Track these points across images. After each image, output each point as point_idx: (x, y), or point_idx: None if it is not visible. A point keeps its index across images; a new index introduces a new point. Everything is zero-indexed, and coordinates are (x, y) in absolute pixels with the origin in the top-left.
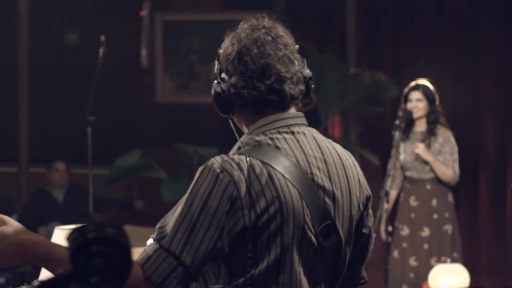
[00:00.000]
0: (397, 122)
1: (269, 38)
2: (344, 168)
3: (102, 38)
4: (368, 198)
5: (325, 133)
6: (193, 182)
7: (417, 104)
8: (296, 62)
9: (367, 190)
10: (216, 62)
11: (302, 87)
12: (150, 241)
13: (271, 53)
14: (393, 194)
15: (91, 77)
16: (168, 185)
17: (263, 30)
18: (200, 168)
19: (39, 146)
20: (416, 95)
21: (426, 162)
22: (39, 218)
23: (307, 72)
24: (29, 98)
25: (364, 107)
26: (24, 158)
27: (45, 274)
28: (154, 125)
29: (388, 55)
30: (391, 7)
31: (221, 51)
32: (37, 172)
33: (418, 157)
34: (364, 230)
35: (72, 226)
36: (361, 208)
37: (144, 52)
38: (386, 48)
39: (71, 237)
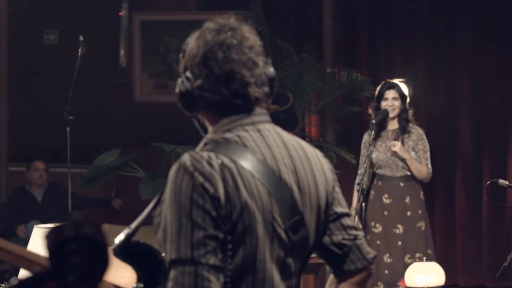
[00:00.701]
0: (374, 121)
1: (235, 41)
2: (310, 162)
3: (81, 38)
4: (333, 187)
5: (302, 132)
6: (170, 185)
7: (393, 102)
8: (260, 64)
9: (333, 180)
10: (181, 58)
11: (266, 88)
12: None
13: (236, 58)
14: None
15: (70, 76)
16: (146, 184)
17: (229, 33)
18: (173, 169)
19: (18, 145)
20: (392, 93)
21: (402, 160)
22: (18, 216)
23: (271, 71)
24: (8, 97)
25: (341, 106)
26: (3, 157)
27: (24, 273)
28: (132, 124)
29: (364, 55)
30: (367, 8)
31: (186, 48)
32: (16, 171)
33: (392, 155)
34: (338, 210)
35: (51, 225)
36: (329, 199)
37: (122, 52)
38: (362, 48)
39: (49, 235)
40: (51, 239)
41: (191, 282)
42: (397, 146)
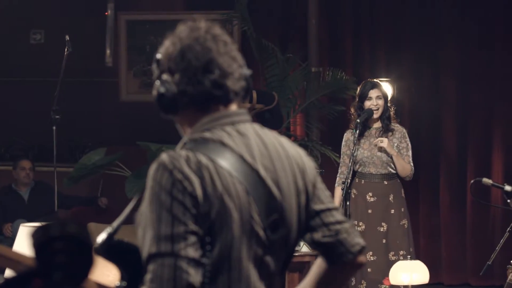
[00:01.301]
0: (358, 120)
1: (209, 36)
2: (290, 161)
3: (67, 37)
4: (314, 185)
5: (287, 131)
6: (150, 183)
7: (377, 102)
8: (238, 58)
9: (314, 177)
10: (155, 67)
11: (243, 83)
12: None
13: (213, 48)
14: (341, 191)
15: (56, 76)
16: (132, 182)
17: (203, 30)
18: (153, 168)
19: (5, 144)
20: (376, 92)
21: (387, 157)
22: (4, 215)
23: (247, 71)
24: None
25: (326, 105)
26: None
27: (10, 272)
28: (118, 123)
29: (349, 55)
30: (351, 7)
31: (160, 55)
32: (3, 169)
33: (377, 152)
34: (318, 207)
35: (37, 224)
36: (309, 195)
37: (108, 51)
38: (347, 48)
39: (35, 234)
40: (37, 237)
41: (170, 274)
42: (384, 142)
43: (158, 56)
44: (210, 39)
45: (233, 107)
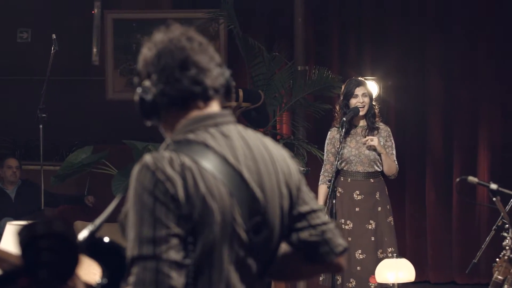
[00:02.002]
0: (345, 119)
1: (184, 37)
2: (274, 163)
3: (53, 36)
4: (298, 188)
5: (273, 129)
6: (133, 184)
7: (363, 99)
8: (215, 58)
9: (298, 180)
10: (136, 78)
11: (222, 80)
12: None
13: (188, 47)
14: (326, 189)
15: (43, 74)
16: (118, 180)
17: (177, 32)
18: (136, 169)
19: None
20: (361, 90)
21: (374, 155)
22: None
23: (226, 70)
24: None
25: (312, 104)
26: None
27: None
28: (105, 121)
29: (335, 54)
30: (337, 6)
31: (139, 65)
32: None
33: (365, 150)
34: (304, 209)
35: (24, 222)
36: (293, 198)
37: (95, 50)
38: (333, 46)
39: (21, 232)
40: (23, 236)
41: (152, 278)
42: (375, 141)
43: (138, 66)
44: (184, 40)
45: (214, 105)
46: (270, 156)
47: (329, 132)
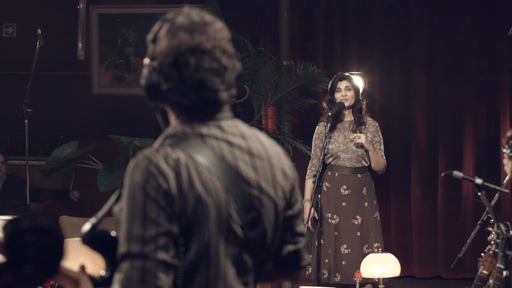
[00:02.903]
0: (330, 113)
1: (209, 46)
2: (269, 159)
3: (39, 31)
4: (293, 186)
5: (258, 124)
6: (128, 179)
7: (346, 93)
8: (230, 67)
9: (293, 178)
10: (149, 44)
11: (234, 91)
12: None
13: (208, 67)
14: (312, 183)
15: (28, 69)
16: (104, 175)
17: (204, 37)
18: (131, 165)
19: None
20: (344, 84)
21: (362, 151)
22: None
23: (239, 67)
24: None
25: (297, 99)
26: None
27: None
28: (90, 116)
29: (321, 49)
30: (323, 1)
31: (156, 40)
32: None
33: (352, 146)
34: (290, 214)
35: (9, 217)
36: (287, 196)
37: (80, 45)
38: (318, 41)
39: (6, 227)
40: (8, 230)
41: (138, 277)
42: (362, 138)
43: (152, 37)
44: (208, 51)
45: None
46: (266, 152)
47: (317, 127)
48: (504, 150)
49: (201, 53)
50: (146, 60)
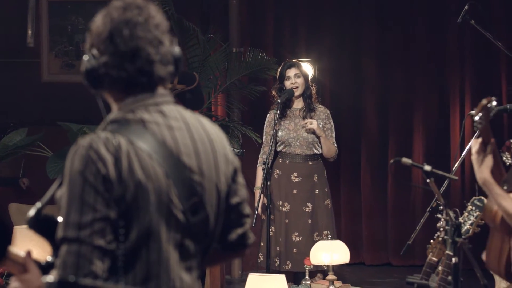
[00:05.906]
0: (279, 101)
1: (141, 19)
2: (211, 144)
3: None
4: (235, 171)
5: (208, 111)
6: (68, 164)
7: (295, 80)
8: (166, 43)
9: (234, 163)
10: (88, 36)
11: (171, 68)
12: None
13: (142, 35)
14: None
15: None
16: (53, 163)
17: (136, 11)
18: (72, 149)
19: None
20: (293, 71)
21: (313, 138)
22: None
23: (177, 51)
24: None
25: (247, 86)
26: None
27: None
28: (39, 103)
29: (270, 36)
30: None
31: (93, 26)
32: None
33: (303, 133)
34: (235, 200)
35: None
36: (229, 181)
37: (30, 32)
38: (268, 28)
39: None
40: None
41: (74, 262)
42: (314, 124)
43: (91, 26)
44: (141, 23)
45: (159, 89)
46: (208, 137)
47: (268, 114)
48: (504, 158)
49: (133, 24)
50: (85, 57)
